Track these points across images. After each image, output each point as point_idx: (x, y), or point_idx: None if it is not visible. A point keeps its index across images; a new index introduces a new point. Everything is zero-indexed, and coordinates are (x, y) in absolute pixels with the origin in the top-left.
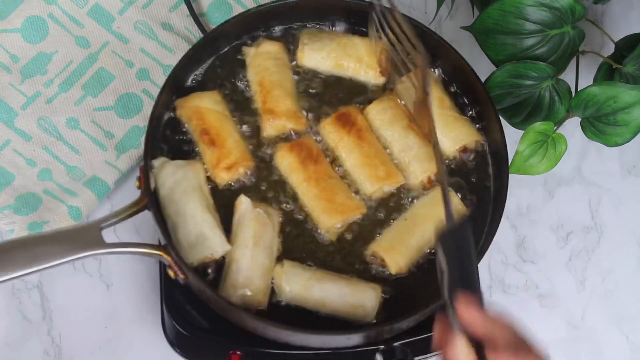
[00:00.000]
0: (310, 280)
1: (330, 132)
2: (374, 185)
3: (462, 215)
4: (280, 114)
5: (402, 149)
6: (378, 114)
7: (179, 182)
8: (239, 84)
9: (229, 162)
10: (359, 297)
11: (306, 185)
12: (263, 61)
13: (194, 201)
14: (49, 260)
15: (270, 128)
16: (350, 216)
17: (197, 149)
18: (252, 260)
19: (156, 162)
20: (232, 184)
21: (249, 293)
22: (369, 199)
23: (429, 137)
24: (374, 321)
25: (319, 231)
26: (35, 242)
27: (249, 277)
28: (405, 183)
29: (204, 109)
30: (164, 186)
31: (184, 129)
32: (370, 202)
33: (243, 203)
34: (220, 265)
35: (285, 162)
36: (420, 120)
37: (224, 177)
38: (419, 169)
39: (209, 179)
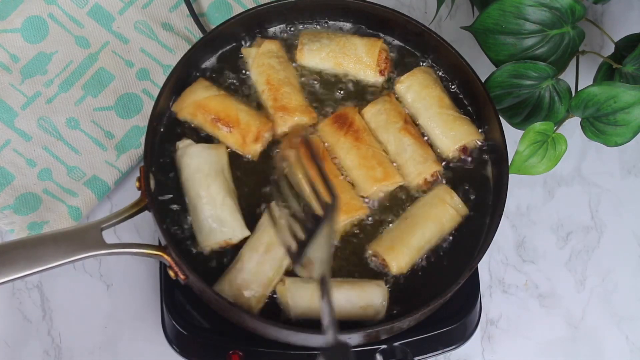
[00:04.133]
0: (315, 291)
1: (328, 133)
2: (371, 186)
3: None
4: (293, 110)
5: (397, 152)
6: (373, 116)
7: (202, 164)
8: (240, 83)
9: (253, 135)
10: (366, 298)
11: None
12: (266, 60)
13: (216, 185)
14: (50, 261)
15: (283, 125)
16: (353, 215)
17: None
18: (257, 265)
19: (181, 144)
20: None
21: (245, 294)
22: (368, 199)
23: None
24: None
25: None
26: (35, 243)
27: (248, 280)
28: (404, 183)
29: (202, 100)
30: (188, 168)
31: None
32: (370, 202)
33: (274, 210)
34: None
35: (291, 158)
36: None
37: (256, 149)
38: (415, 171)
39: (240, 157)
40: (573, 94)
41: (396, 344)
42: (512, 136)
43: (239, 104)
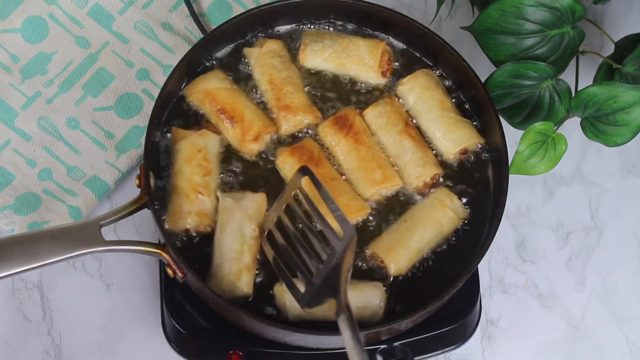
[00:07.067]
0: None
1: (327, 135)
2: (370, 189)
3: None
4: (296, 110)
5: (397, 154)
6: (374, 118)
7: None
8: (242, 83)
9: (254, 133)
10: (363, 299)
11: (308, 189)
12: (269, 60)
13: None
14: (48, 257)
15: (287, 124)
16: (354, 217)
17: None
18: (218, 248)
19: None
20: (262, 153)
21: (225, 280)
22: (367, 201)
23: None
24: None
25: None
26: (34, 239)
27: (220, 264)
28: (404, 186)
29: (213, 90)
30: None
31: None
32: (369, 203)
33: (219, 198)
34: None
35: (287, 166)
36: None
37: (254, 148)
38: (414, 174)
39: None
40: (573, 94)
41: (396, 344)
42: (512, 136)
43: (247, 101)
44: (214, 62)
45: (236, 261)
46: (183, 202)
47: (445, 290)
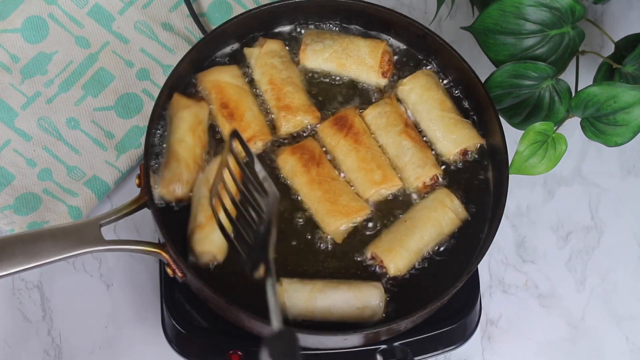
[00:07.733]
0: (312, 292)
1: (327, 135)
2: (369, 189)
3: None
4: (296, 110)
5: (396, 155)
6: (374, 118)
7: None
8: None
9: (247, 135)
10: (363, 299)
11: (309, 188)
12: (269, 60)
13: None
14: (48, 256)
15: (287, 125)
16: (354, 217)
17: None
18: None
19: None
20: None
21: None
22: (367, 201)
23: None
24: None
25: (319, 233)
26: (34, 239)
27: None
28: (403, 186)
29: (223, 83)
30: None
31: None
32: (369, 204)
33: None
34: None
35: (288, 165)
36: None
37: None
38: (413, 174)
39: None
40: (573, 94)
41: (396, 344)
42: (512, 136)
43: (253, 104)
44: (214, 62)
45: (192, 222)
46: (183, 171)
47: (445, 290)
